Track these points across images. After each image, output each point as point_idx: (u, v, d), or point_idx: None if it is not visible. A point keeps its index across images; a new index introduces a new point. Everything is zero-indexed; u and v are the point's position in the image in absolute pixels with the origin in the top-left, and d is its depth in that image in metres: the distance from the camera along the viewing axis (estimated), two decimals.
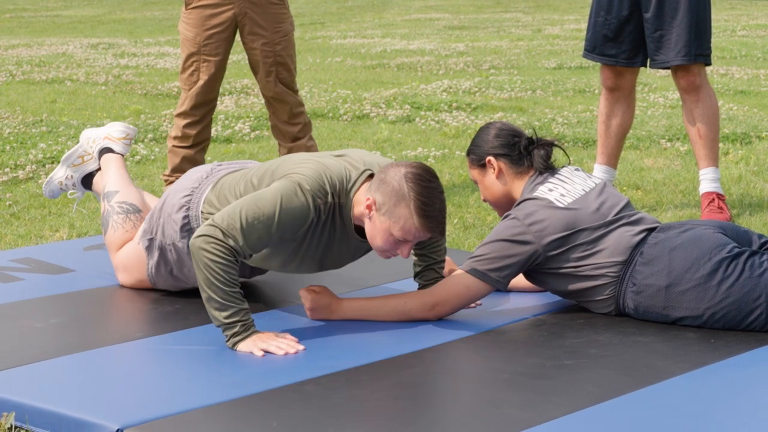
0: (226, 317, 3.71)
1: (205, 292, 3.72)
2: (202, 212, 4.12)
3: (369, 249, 4.04)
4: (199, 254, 3.70)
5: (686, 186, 6.40)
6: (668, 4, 5.70)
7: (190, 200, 4.17)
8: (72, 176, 4.88)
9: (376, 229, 3.76)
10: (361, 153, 4.00)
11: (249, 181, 4.00)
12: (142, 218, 4.49)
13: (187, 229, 4.16)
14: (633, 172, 6.81)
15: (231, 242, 3.69)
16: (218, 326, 3.74)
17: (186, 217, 4.16)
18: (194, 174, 4.27)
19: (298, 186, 3.78)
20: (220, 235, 3.70)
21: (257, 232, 3.72)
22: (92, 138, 4.86)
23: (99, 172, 4.81)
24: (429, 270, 4.19)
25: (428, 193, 3.71)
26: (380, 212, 3.73)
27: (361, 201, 3.83)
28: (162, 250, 4.24)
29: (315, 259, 3.97)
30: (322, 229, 3.87)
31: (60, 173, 4.90)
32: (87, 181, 4.87)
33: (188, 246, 4.13)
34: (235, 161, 4.38)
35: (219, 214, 3.76)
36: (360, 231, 3.94)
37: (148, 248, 4.27)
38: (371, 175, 3.88)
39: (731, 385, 3.46)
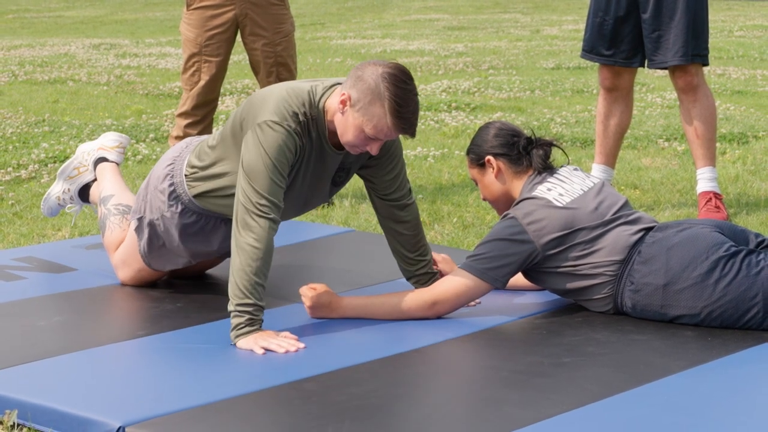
0: (239, 304, 3.73)
1: (233, 276, 3.75)
2: (186, 176, 4.16)
3: (346, 169, 4.08)
4: (245, 236, 3.74)
5: (684, 185, 6.40)
6: (666, 5, 5.70)
7: (173, 168, 4.20)
8: (69, 189, 4.89)
9: (348, 124, 3.79)
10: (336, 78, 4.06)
11: (219, 130, 4.07)
12: None
13: (174, 197, 4.18)
14: (631, 171, 6.81)
15: (265, 210, 3.74)
16: (230, 311, 3.76)
17: (172, 184, 4.19)
18: (174, 147, 4.33)
19: (266, 126, 3.81)
20: (253, 210, 3.75)
21: (273, 184, 3.77)
22: (87, 151, 4.89)
23: (95, 183, 4.82)
24: (423, 275, 4.22)
25: (404, 94, 3.74)
26: (354, 108, 3.76)
27: (332, 106, 3.86)
28: (151, 226, 4.25)
29: (302, 188, 4.01)
30: (303, 151, 3.91)
31: (57, 188, 4.91)
32: (84, 194, 4.88)
33: (179, 215, 4.18)
34: None
35: (237, 199, 3.80)
36: (336, 145, 3.97)
37: (138, 228, 4.29)
38: (339, 84, 3.91)
39: (728, 383, 3.46)
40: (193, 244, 4.24)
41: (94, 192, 4.82)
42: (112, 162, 4.83)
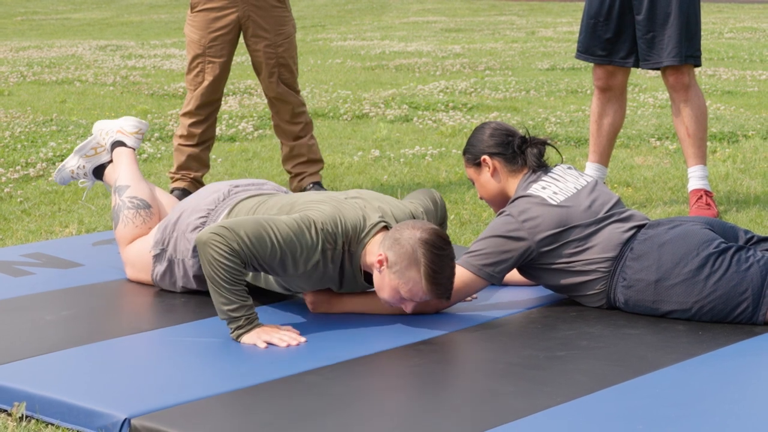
0: (231, 311, 3.71)
1: (212, 287, 3.72)
2: None
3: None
4: (204, 250, 3.70)
5: (675, 183, 6.40)
6: (660, 7, 5.70)
7: (205, 222, 4.17)
8: (84, 166, 4.87)
9: (384, 284, 3.77)
10: (375, 197, 4.01)
11: (265, 212, 4.00)
12: (152, 214, 4.49)
13: None
14: (624, 169, 6.81)
15: (235, 245, 3.68)
16: (223, 319, 3.74)
17: None
18: (211, 195, 4.26)
19: (313, 224, 3.78)
20: (226, 235, 3.68)
21: (261, 249, 3.71)
22: (105, 130, 4.84)
23: (111, 164, 4.80)
24: None
25: (440, 261, 3.71)
26: (391, 270, 3.73)
27: (373, 252, 3.82)
28: (170, 263, 4.24)
29: (335, 287, 3.99)
30: (332, 271, 3.87)
31: (72, 162, 4.89)
32: (98, 171, 4.86)
33: (198, 266, 4.13)
34: (251, 181, 4.34)
35: (232, 220, 3.76)
36: (367, 276, 3.95)
37: (158, 256, 4.27)
38: (385, 226, 3.88)
39: (718, 376, 3.47)
40: (204, 286, 4.19)
41: (109, 173, 4.79)
42: (130, 147, 4.80)
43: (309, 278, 3.86)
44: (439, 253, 3.70)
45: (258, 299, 4.09)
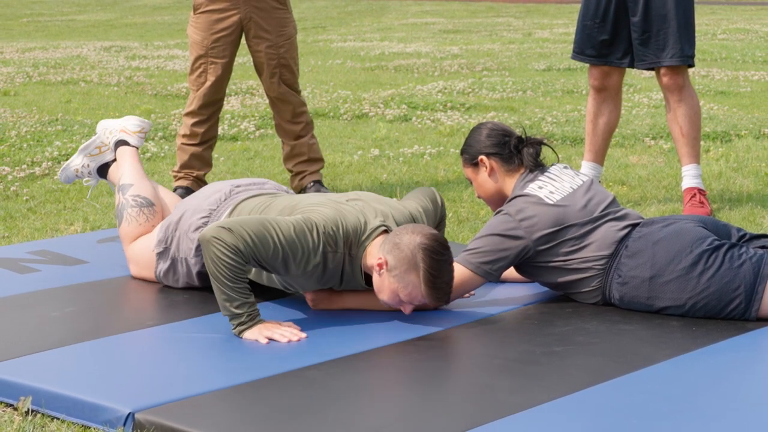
0: (234, 308, 3.71)
1: (215, 284, 3.72)
2: None
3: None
4: (208, 248, 3.69)
5: (669, 182, 6.40)
6: (655, 9, 5.69)
7: (207, 222, 4.16)
8: (89, 165, 4.87)
9: (384, 286, 3.77)
10: (375, 198, 4.00)
11: (268, 214, 3.99)
12: (155, 212, 4.48)
13: (201, 250, 4.14)
14: (619, 168, 6.81)
15: (239, 245, 3.67)
16: (226, 315, 3.74)
17: None
18: (213, 195, 4.26)
19: (315, 226, 3.77)
20: (229, 235, 3.67)
21: (264, 248, 3.70)
22: (109, 129, 4.84)
23: (114, 163, 4.81)
24: None
25: (438, 266, 3.71)
26: (390, 273, 3.73)
27: (373, 254, 3.82)
28: (173, 261, 4.23)
29: (335, 286, 3.98)
30: (333, 272, 3.87)
31: (77, 161, 4.89)
32: (102, 170, 4.86)
33: (201, 264, 4.15)
34: (252, 181, 4.34)
35: (235, 219, 3.75)
36: (367, 277, 3.95)
37: (161, 254, 4.26)
38: (385, 230, 3.88)
39: (712, 371, 3.47)
40: (206, 283, 4.19)
41: (113, 172, 4.79)
42: (133, 146, 4.80)
43: (310, 278, 3.86)
44: (438, 258, 3.71)
45: (259, 296, 4.09)
